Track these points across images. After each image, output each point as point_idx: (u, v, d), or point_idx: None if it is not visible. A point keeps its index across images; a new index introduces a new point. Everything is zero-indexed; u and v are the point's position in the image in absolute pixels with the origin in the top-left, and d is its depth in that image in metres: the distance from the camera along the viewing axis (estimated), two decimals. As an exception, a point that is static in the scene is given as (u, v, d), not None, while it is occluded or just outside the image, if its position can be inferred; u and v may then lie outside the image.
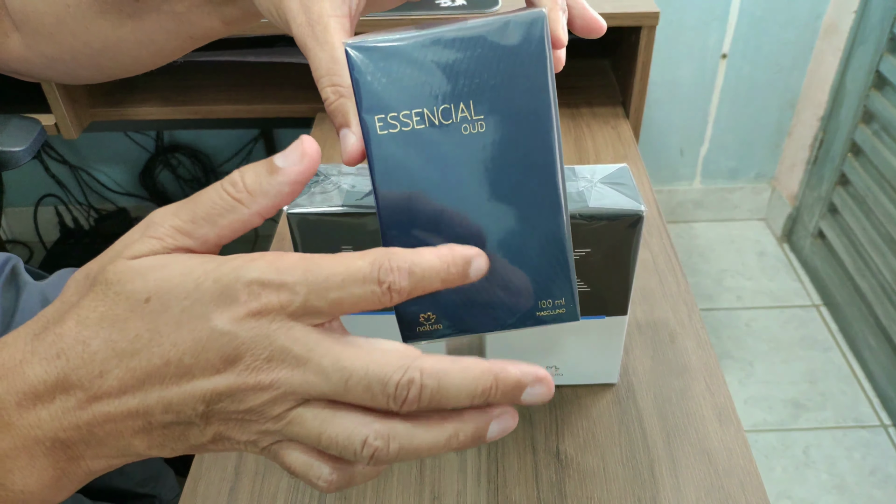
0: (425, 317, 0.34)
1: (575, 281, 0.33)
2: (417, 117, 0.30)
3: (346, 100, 0.33)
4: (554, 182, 0.30)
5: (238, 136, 1.52)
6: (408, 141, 0.30)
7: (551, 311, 0.33)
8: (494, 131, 0.30)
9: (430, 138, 0.30)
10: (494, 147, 0.30)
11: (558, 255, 0.31)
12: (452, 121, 0.30)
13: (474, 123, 0.30)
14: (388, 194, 0.31)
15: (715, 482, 0.44)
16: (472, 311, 0.33)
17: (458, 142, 0.30)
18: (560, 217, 0.31)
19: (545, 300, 0.33)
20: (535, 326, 0.33)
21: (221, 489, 0.45)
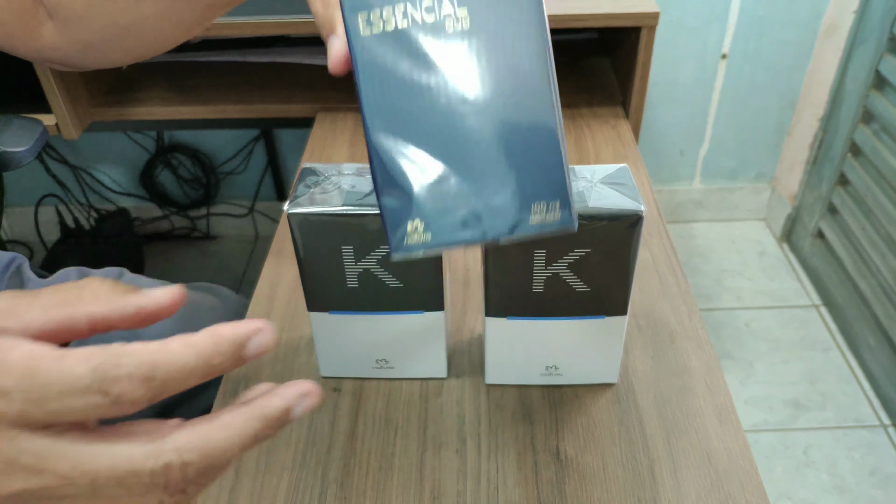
0: (413, 226, 0.31)
1: (570, 183, 0.30)
2: (401, 14, 0.29)
3: (333, 9, 0.35)
4: (545, 72, 0.29)
5: (238, 136, 1.52)
6: (392, 41, 0.29)
7: (544, 215, 0.30)
8: (480, 26, 0.29)
9: (415, 37, 0.29)
10: (480, 42, 0.29)
11: (551, 152, 0.30)
12: (436, 18, 0.29)
13: (459, 20, 0.29)
14: (373, 98, 0.29)
15: (715, 482, 0.44)
16: (459, 221, 0.30)
17: (443, 40, 0.29)
18: (552, 109, 0.30)
19: (538, 202, 0.30)
20: (527, 234, 0.30)
21: (221, 489, 0.45)
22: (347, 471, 0.46)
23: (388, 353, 0.51)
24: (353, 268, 0.45)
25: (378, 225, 0.43)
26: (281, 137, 1.53)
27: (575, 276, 0.44)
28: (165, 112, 0.94)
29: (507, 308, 0.46)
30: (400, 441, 0.48)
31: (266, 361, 0.54)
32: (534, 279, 0.44)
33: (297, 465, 0.47)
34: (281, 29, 0.79)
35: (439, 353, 0.51)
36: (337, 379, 0.52)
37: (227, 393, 0.52)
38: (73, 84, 0.90)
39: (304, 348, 0.55)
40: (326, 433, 0.49)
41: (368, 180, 0.45)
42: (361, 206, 0.43)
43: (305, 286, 0.47)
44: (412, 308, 0.47)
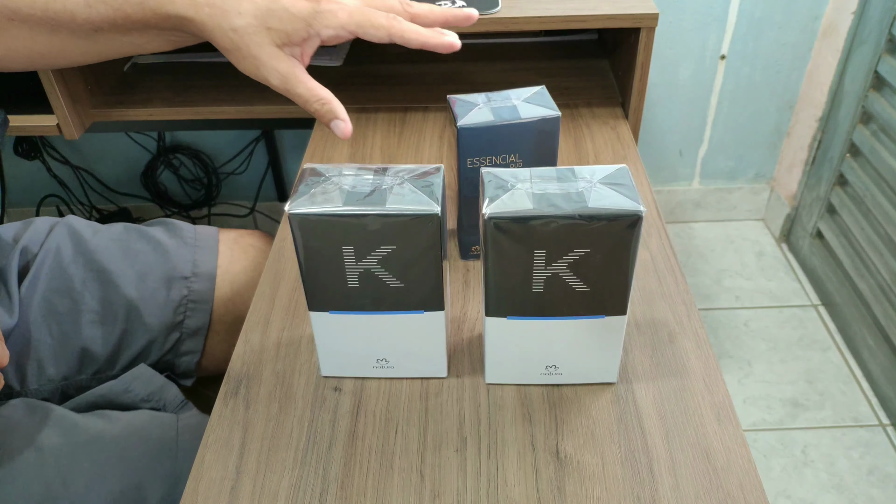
0: (476, 248, 0.62)
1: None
2: (487, 160, 0.56)
3: (330, 104, 0.52)
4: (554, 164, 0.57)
5: (239, 137, 1.52)
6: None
7: None
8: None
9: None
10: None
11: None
12: (506, 160, 0.56)
13: (516, 162, 0.57)
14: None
15: (714, 481, 0.45)
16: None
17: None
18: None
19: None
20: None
21: (223, 488, 0.46)
22: (348, 470, 0.46)
23: (388, 353, 0.51)
24: (353, 268, 0.45)
25: (378, 225, 0.43)
26: (282, 138, 1.53)
27: (575, 276, 0.44)
28: (167, 112, 0.94)
29: (507, 308, 0.46)
30: (400, 440, 0.48)
31: (266, 361, 0.54)
32: (534, 279, 0.45)
33: (297, 465, 0.47)
34: (281, 30, 0.79)
35: (439, 352, 0.51)
36: (337, 378, 0.53)
37: (227, 393, 0.52)
38: (74, 84, 0.90)
39: (305, 348, 0.55)
40: (327, 432, 0.49)
41: (369, 181, 0.45)
42: (362, 206, 0.43)
43: (306, 286, 0.47)
44: (412, 308, 0.48)
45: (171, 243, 0.72)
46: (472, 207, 0.59)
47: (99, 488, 0.56)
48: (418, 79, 0.97)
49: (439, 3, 0.81)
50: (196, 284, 0.71)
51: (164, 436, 0.61)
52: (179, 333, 0.70)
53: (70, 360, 0.65)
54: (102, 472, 0.56)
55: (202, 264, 0.73)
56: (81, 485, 0.55)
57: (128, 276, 0.68)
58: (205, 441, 0.49)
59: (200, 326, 0.71)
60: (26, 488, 0.54)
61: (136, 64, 1.05)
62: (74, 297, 0.66)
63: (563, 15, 0.78)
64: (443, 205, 0.44)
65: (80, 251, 0.68)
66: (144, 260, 0.70)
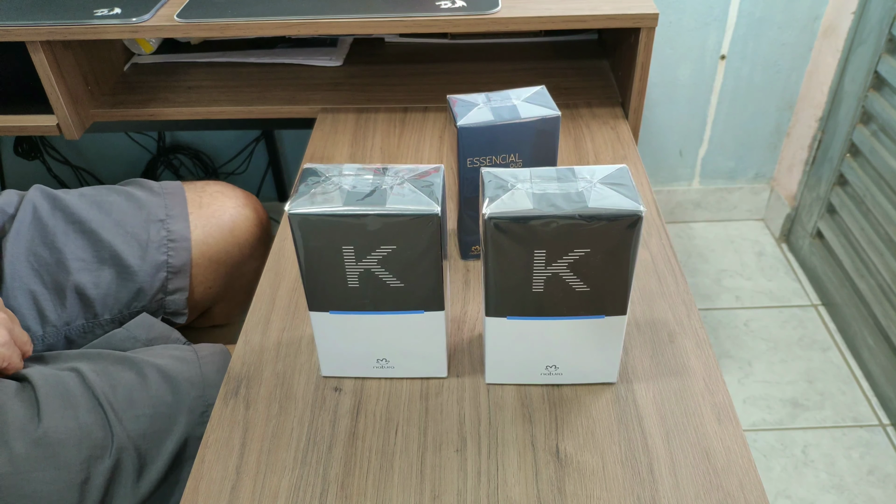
0: (476, 248, 0.63)
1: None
2: (487, 160, 0.56)
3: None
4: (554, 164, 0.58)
5: (239, 137, 1.52)
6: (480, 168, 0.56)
7: None
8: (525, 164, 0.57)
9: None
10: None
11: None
12: (506, 160, 0.57)
13: (516, 162, 0.57)
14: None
15: (714, 481, 0.45)
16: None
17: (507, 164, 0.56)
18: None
19: None
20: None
21: (223, 488, 0.46)
22: (348, 470, 0.46)
23: (388, 353, 0.51)
24: (353, 268, 0.45)
25: (378, 225, 0.43)
26: (282, 138, 1.53)
27: (575, 275, 0.44)
28: (167, 112, 0.94)
29: (507, 308, 0.46)
30: (400, 440, 0.48)
31: (267, 361, 0.54)
32: (534, 279, 0.45)
33: (298, 465, 0.47)
34: (282, 30, 0.80)
35: (439, 352, 0.51)
36: (338, 378, 0.53)
37: (227, 393, 0.52)
38: (74, 84, 0.90)
39: (305, 348, 0.55)
40: (327, 432, 0.49)
41: (369, 181, 0.45)
42: (362, 206, 0.43)
43: (306, 286, 0.47)
44: (412, 308, 0.48)
45: (141, 193, 0.77)
46: (472, 207, 0.59)
47: (139, 395, 0.59)
48: (418, 79, 0.97)
49: (438, 3, 0.81)
50: (172, 225, 0.76)
51: (188, 368, 0.64)
52: (165, 272, 0.74)
53: (68, 305, 0.69)
54: (139, 382, 0.60)
55: (174, 207, 0.77)
56: (122, 394, 0.59)
57: (106, 224, 0.73)
58: (205, 441, 0.49)
59: (184, 264, 0.76)
60: (76, 403, 0.57)
61: (136, 64, 1.05)
62: (59, 247, 0.70)
63: (563, 15, 0.78)
64: (443, 205, 0.44)
65: (57, 207, 0.73)
66: (119, 209, 0.75)
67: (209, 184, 0.84)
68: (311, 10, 0.81)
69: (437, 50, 1.05)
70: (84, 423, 0.56)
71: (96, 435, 0.56)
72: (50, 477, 0.53)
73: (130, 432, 0.57)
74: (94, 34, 0.80)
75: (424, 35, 1.09)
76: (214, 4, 0.83)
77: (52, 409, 0.56)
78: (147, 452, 0.58)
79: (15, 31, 0.80)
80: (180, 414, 0.60)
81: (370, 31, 0.80)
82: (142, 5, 0.83)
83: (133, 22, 0.80)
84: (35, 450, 0.54)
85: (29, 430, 0.54)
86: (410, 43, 1.08)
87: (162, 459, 0.58)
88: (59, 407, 0.56)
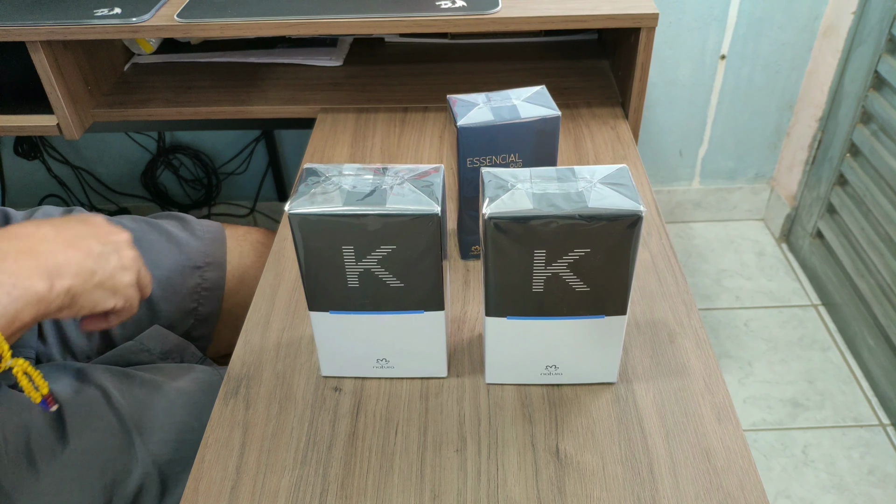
0: (476, 248, 0.63)
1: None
2: (487, 160, 0.56)
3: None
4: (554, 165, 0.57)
5: (239, 137, 1.52)
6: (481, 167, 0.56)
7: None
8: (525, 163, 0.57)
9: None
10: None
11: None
12: (506, 160, 0.57)
13: (516, 162, 0.57)
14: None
15: (714, 481, 0.45)
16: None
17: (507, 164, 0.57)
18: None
19: None
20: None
21: (223, 488, 0.46)
22: (348, 470, 0.46)
23: (388, 353, 0.51)
24: (353, 268, 0.45)
25: (378, 225, 0.43)
26: (282, 138, 1.53)
27: (575, 275, 0.44)
28: (167, 112, 0.94)
29: (507, 308, 0.46)
30: (400, 440, 0.48)
31: (267, 361, 0.54)
32: (534, 279, 0.45)
33: (298, 464, 0.47)
34: (282, 30, 0.80)
35: (439, 352, 0.51)
36: (338, 378, 0.53)
37: (227, 393, 0.52)
38: (74, 84, 0.90)
39: (305, 348, 0.55)
40: (327, 432, 0.49)
41: (369, 181, 0.45)
42: (362, 206, 0.43)
43: (306, 286, 0.47)
44: (412, 308, 0.48)
45: (182, 235, 0.75)
46: (472, 207, 0.59)
47: (162, 414, 0.59)
48: (418, 79, 0.97)
49: (438, 3, 0.81)
50: (208, 273, 0.74)
51: (210, 379, 0.64)
52: (193, 320, 0.73)
53: (92, 341, 0.68)
54: (161, 402, 0.60)
55: (213, 255, 0.75)
56: (146, 413, 0.58)
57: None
58: (205, 441, 0.49)
59: (212, 313, 0.74)
60: (100, 422, 0.57)
61: (136, 64, 1.05)
62: None
63: (563, 15, 0.78)
64: (443, 205, 0.44)
65: None
66: (158, 249, 0.72)
67: (251, 232, 0.82)
68: (311, 10, 0.81)
69: (437, 50, 1.05)
70: (109, 446, 0.56)
71: (121, 459, 0.56)
72: (75, 499, 0.53)
73: (155, 457, 0.57)
74: (94, 34, 0.80)
75: (424, 35, 1.09)
76: (214, 4, 0.83)
77: (79, 431, 0.55)
78: (169, 478, 0.57)
79: (15, 31, 0.80)
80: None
81: (370, 31, 0.80)
82: (142, 5, 0.83)
83: (133, 22, 0.80)
84: (61, 472, 0.53)
85: (56, 452, 0.54)
86: (410, 43, 1.08)
87: (184, 485, 0.57)
88: (86, 429, 0.56)
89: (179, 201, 1.62)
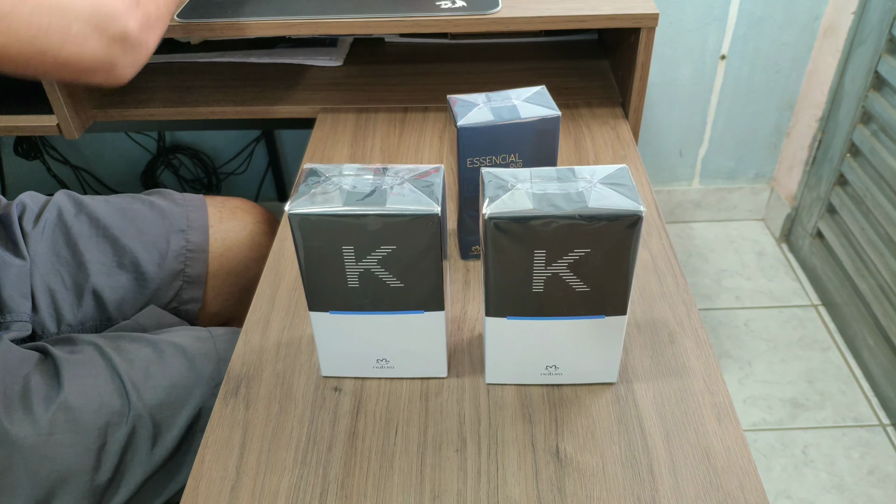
0: (476, 248, 0.62)
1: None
2: (487, 160, 0.56)
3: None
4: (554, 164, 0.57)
5: (239, 137, 1.52)
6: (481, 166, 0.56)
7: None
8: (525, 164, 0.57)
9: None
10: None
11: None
12: (506, 160, 0.56)
13: (516, 162, 0.57)
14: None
15: (714, 481, 0.45)
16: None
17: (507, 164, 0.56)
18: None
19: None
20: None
21: (223, 488, 0.46)
22: (348, 470, 0.46)
23: (388, 353, 0.51)
24: (353, 268, 0.45)
25: (378, 225, 0.43)
26: (282, 138, 1.53)
27: (575, 276, 0.44)
28: (167, 112, 0.94)
29: (507, 308, 0.46)
30: (400, 440, 0.48)
31: (267, 361, 0.54)
32: (534, 279, 0.45)
33: (298, 465, 0.47)
34: (282, 30, 0.80)
35: (439, 352, 0.51)
36: (337, 378, 0.53)
37: (227, 393, 0.52)
38: (74, 84, 0.90)
39: (305, 348, 0.55)
40: (327, 432, 0.49)
41: (369, 181, 0.45)
42: (362, 206, 0.43)
43: (306, 286, 0.47)
44: (412, 308, 0.48)
45: (164, 203, 0.80)
46: (472, 207, 0.59)
47: (156, 368, 0.62)
48: (418, 79, 0.97)
49: (438, 3, 0.81)
50: (192, 236, 0.78)
51: (203, 345, 0.66)
52: (181, 282, 0.76)
53: (84, 305, 0.71)
54: (156, 357, 0.62)
55: (195, 219, 0.80)
56: (139, 367, 0.61)
57: (129, 231, 0.75)
58: (205, 441, 0.49)
59: (200, 274, 0.78)
60: (94, 371, 0.60)
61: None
62: (81, 250, 0.72)
63: (563, 15, 0.78)
64: (443, 205, 0.44)
65: (82, 211, 0.75)
66: (142, 217, 0.77)
67: (230, 199, 0.87)
68: (311, 10, 0.81)
69: (437, 50, 1.05)
70: (103, 391, 0.59)
71: (114, 403, 0.59)
72: (69, 440, 0.56)
73: (147, 402, 0.60)
74: (94, 34, 0.80)
75: (424, 35, 1.09)
76: (214, 4, 0.83)
77: (72, 378, 0.59)
78: (162, 422, 0.60)
79: (15, 31, 0.80)
80: (196, 386, 0.62)
81: (370, 31, 0.80)
82: (142, 5, 0.83)
83: (133, 22, 0.80)
84: (56, 414, 0.57)
85: (51, 397, 0.57)
86: (410, 43, 1.08)
87: (177, 429, 0.61)
88: (79, 376, 0.59)
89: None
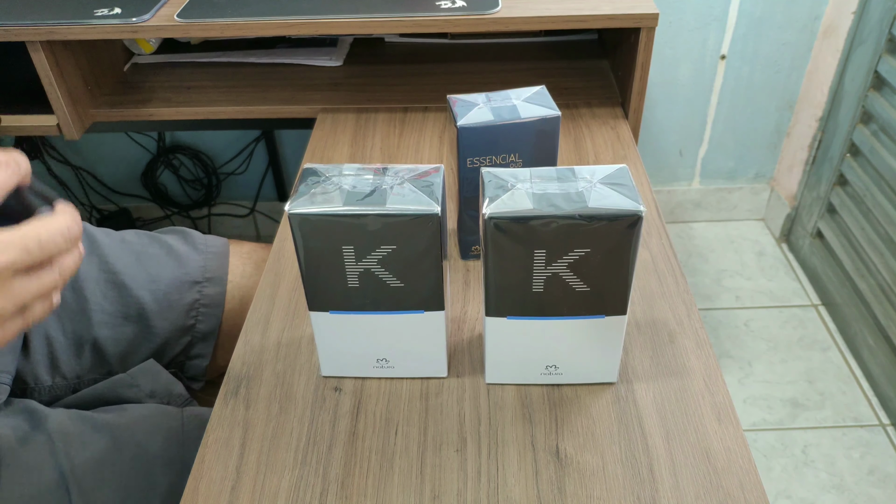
0: (476, 248, 0.63)
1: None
2: (487, 160, 0.56)
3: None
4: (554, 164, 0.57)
5: (239, 137, 1.52)
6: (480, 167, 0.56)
7: None
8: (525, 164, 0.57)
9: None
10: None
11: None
12: (506, 160, 0.57)
13: (516, 162, 0.57)
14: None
15: (714, 481, 0.45)
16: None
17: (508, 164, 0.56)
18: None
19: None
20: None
21: (223, 488, 0.46)
22: (348, 470, 0.46)
23: (388, 353, 0.51)
24: (353, 267, 0.45)
25: (378, 225, 0.43)
26: (282, 138, 1.53)
27: (575, 275, 0.44)
28: (167, 113, 0.94)
29: (507, 308, 0.46)
30: (400, 440, 0.48)
31: (267, 361, 0.54)
32: (534, 279, 0.45)
33: (298, 464, 0.47)
34: (282, 30, 0.80)
35: (439, 352, 0.51)
36: (337, 378, 0.53)
37: (227, 393, 0.52)
38: (74, 84, 0.90)
39: (305, 348, 0.55)
40: (327, 432, 0.49)
41: (369, 181, 0.45)
42: (362, 206, 0.43)
43: (306, 286, 0.47)
44: (412, 308, 0.48)
45: (183, 249, 0.73)
46: (472, 207, 0.59)
47: (110, 473, 0.56)
48: (418, 79, 0.97)
49: (438, 3, 0.81)
50: (208, 289, 0.72)
51: (170, 425, 0.61)
52: (191, 337, 0.71)
53: (83, 358, 0.66)
54: (112, 457, 0.57)
55: (213, 270, 0.73)
56: (92, 469, 0.55)
57: (140, 278, 0.69)
58: (205, 441, 0.49)
59: (211, 331, 0.72)
60: (39, 476, 0.54)
61: (136, 64, 1.05)
62: (86, 295, 0.66)
63: (563, 15, 0.78)
64: (443, 205, 0.44)
65: (94, 252, 0.68)
66: (157, 264, 0.70)
67: (258, 249, 0.79)
68: (311, 10, 0.81)
69: (437, 50, 1.05)
70: (43, 502, 0.53)
71: None
72: None
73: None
74: (94, 34, 0.80)
75: (424, 35, 1.09)
76: (214, 4, 0.83)
77: (11, 483, 0.53)
78: None
79: (15, 31, 0.80)
80: (151, 489, 0.57)
81: (370, 31, 0.80)
82: (142, 5, 0.83)
83: (133, 22, 0.80)
84: None
85: None
86: (410, 43, 1.08)
87: None
88: (18, 482, 0.53)
89: (179, 201, 1.62)
